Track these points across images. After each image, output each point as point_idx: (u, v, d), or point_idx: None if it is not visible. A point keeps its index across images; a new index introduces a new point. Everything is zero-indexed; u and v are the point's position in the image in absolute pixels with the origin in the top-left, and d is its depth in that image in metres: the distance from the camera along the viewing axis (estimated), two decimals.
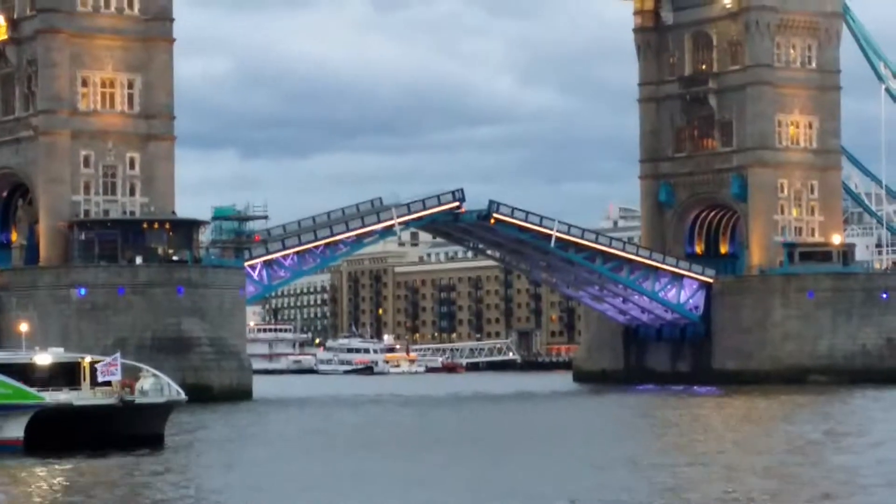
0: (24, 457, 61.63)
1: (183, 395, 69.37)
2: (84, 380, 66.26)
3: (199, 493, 50.27)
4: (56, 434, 63.25)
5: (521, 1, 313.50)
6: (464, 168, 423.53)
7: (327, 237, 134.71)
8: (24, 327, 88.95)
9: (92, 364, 66.45)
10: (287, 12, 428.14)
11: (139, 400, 65.11)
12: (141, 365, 71.04)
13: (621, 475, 55.93)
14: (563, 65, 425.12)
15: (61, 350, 74.66)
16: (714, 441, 74.89)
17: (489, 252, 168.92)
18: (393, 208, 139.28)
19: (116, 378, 64.61)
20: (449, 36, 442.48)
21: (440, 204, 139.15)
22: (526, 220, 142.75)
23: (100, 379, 65.03)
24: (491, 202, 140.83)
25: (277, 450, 72.28)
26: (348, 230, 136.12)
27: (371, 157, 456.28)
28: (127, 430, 64.53)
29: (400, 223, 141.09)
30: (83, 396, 65.27)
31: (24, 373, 65.76)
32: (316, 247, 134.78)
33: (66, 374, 67.09)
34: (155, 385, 66.17)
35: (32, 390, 64.32)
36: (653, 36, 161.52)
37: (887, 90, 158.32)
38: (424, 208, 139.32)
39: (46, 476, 55.46)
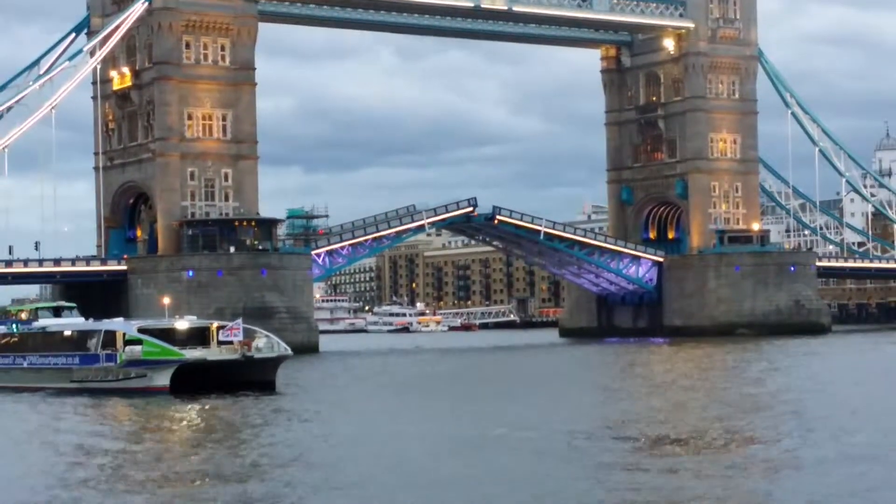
0: (170, 400, 63.18)
1: (290, 351, 71.14)
2: (212, 340, 67.85)
3: (307, 423, 52.09)
4: (194, 382, 65.25)
5: (512, 51, 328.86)
6: (471, 178, 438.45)
7: (374, 233, 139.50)
8: (166, 301, 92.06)
9: (218, 328, 68.29)
10: (336, 63, 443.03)
11: (256, 355, 66.92)
12: (256, 328, 72.81)
13: (598, 398, 62.41)
14: (546, 99, 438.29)
15: (194, 317, 77.31)
16: (661, 374, 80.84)
17: (494, 243, 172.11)
18: (423, 212, 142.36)
19: (238, 339, 66.45)
20: (457, 79, 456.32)
21: (458, 209, 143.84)
22: (521, 220, 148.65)
23: (223, 339, 67.09)
24: (495, 207, 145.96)
25: (352, 389, 75.46)
26: (390, 228, 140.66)
27: (401, 171, 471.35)
28: (247, 378, 66.67)
29: (428, 223, 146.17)
30: (213, 353, 67.00)
31: (167, 335, 67.85)
32: (366, 240, 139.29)
33: (199, 336, 68.95)
34: (267, 343, 68.43)
35: (175, 348, 66.51)
36: (615, 75, 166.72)
37: (792, 114, 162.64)
38: (447, 212, 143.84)
39: (189, 413, 57.89)
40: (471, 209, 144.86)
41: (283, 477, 36.07)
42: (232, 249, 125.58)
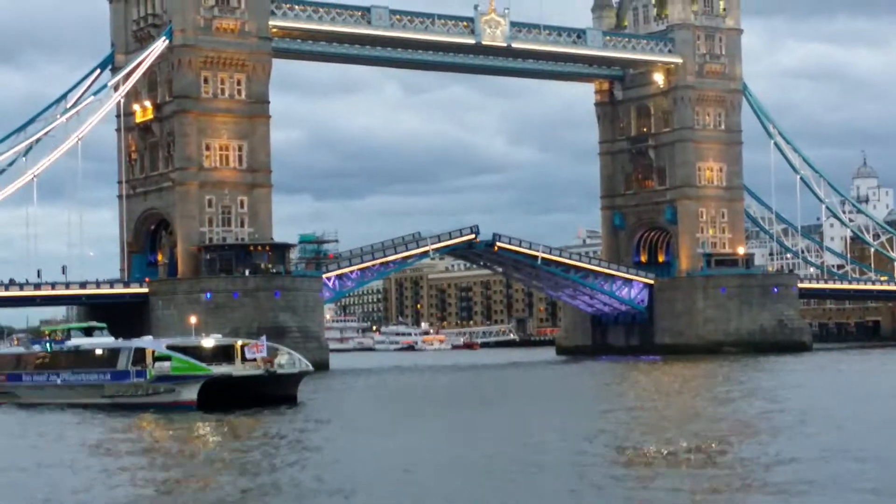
0: (197, 413, 62.93)
1: (310, 367, 71.38)
2: (237, 357, 67.95)
3: (327, 435, 52.18)
4: (220, 396, 65.06)
5: (510, 85, 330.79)
6: (471, 205, 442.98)
7: (381, 258, 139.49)
8: (192, 320, 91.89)
9: (242, 346, 68.36)
10: (344, 97, 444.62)
11: (279, 371, 67.19)
12: (279, 346, 73.81)
13: (592, 412, 62.45)
14: (542, 130, 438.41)
15: (220, 336, 78.27)
16: (651, 390, 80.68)
17: (495, 267, 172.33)
18: (427, 239, 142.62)
19: (262, 355, 66.62)
20: (458, 111, 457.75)
21: (461, 236, 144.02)
22: (520, 246, 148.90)
23: (248, 356, 67.10)
24: (495, 234, 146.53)
25: (364, 403, 76.83)
26: (396, 254, 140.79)
27: (405, 198, 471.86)
28: (270, 392, 66.82)
29: (432, 250, 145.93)
30: (238, 369, 66.91)
31: (194, 352, 67.81)
32: (373, 265, 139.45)
33: (224, 353, 68.68)
34: (289, 360, 68.75)
35: (202, 364, 66.26)
36: (608, 108, 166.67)
37: (775, 144, 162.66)
38: (450, 238, 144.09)
39: (215, 426, 57.52)
40: (472, 236, 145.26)
41: (309, 485, 36.46)
42: (247, 273, 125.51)
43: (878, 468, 37.06)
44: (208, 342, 70.31)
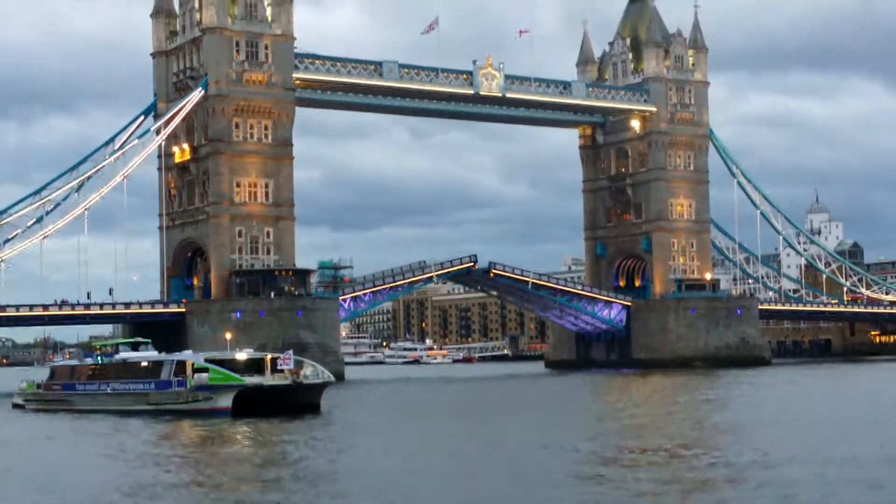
0: (232, 419, 62.57)
1: (333, 378, 70.60)
2: (267, 369, 67.41)
3: (348, 439, 51.77)
4: (252, 404, 64.59)
5: (503, 130, 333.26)
6: (469, 235, 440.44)
7: (391, 283, 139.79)
8: (228, 336, 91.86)
9: (272, 359, 67.97)
10: (358, 140, 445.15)
11: (305, 381, 66.67)
12: (304, 359, 73.35)
13: (576, 419, 62.44)
14: (532, 170, 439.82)
15: (251, 350, 77.05)
16: (628, 398, 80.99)
17: (491, 292, 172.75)
18: (431, 266, 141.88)
19: (289, 367, 66.08)
20: (458, 153, 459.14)
21: (461, 264, 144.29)
22: (512, 273, 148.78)
23: (277, 368, 66.57)
24: (490, 263, 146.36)
25: (379, 410, 76.08)
26: (404, 279, 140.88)
27: (412, 229, 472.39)
28: (297, 401, 65.93)
29: (436, 276, 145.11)
30: (268, 380, 66.28)
31: (229, 365, 67.65)
32: (384, 289, 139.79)
33: (256, 366, 68.01)
34: (314, 371, 68.28)
35: (236, 375, 65.99)
36: (591, 150, 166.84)
37: (738, 183, 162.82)
38: (451, 266, 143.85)
39: (248, 430, 56.64)
40: (471, 264, 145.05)
41: (334, 483, 36.68)
42: (273, 295, 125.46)
43: (824, 461, 37.72)
44: (241, 356, 69.92)
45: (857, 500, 31.07)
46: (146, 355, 77.27)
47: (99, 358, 79.80)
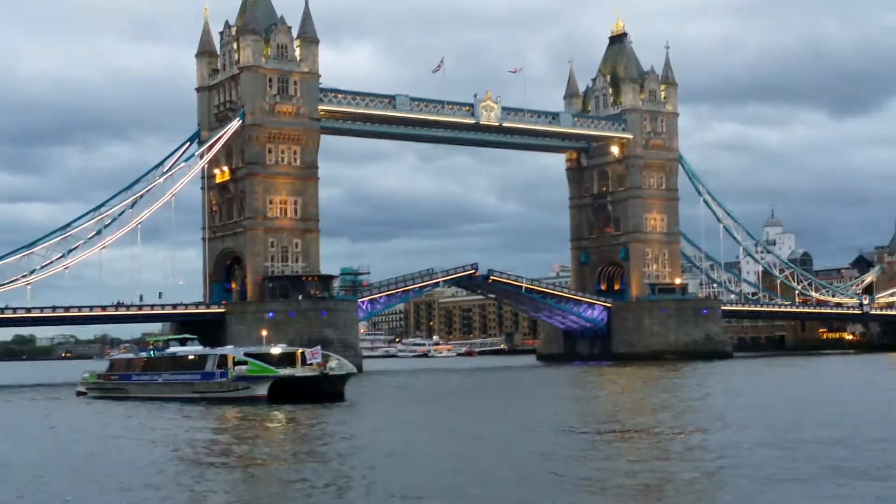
0: (267, 406, 62.16)
1: (355, 370, 69.68)
2: (298, 362, 66.71)
3: (367, 423, 51.50)
4: (285, 392, 63.99)
5: (500, 155, 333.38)
6: (470, 246, 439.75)
7: (403, 287, 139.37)
8: (263, 333, 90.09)
9: (302, 353, 67.35)
10: (373, 164, 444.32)
11: (331, 373, 65.70)
12: (330, 353, 71.91)
13: (563, 403, 62.76)
14: (525, 189, 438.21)
15: (285, 345, 75.47)
16: (608, 385, 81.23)
17: (489, 295, 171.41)
18: (438, 273, 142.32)
19: (317, 360, 65.47)
20: (460, 174, 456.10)
21: (464, 271, 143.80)
22: (508, 278, 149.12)
23: (305, 361, 66.06)
24: (489, 270, 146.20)
25: (396, 397, 75.43)
26: (414, 284, 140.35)
27: (421, 241, 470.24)
28: (324, 390, 65.07)
29: (442, 281, 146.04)
30: (299, 371, 65.61)
31: (265, 358, 66.94)
32: (397, 292, 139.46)
33: (288, 359, 67.27)
34: (339, 364, 67.15)
35: (271, 367, 65.50)
36: (576, 172, 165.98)
37: (704, 200, 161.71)
38: (455, 273, 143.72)
39: (282, 415, 56.23)
40: (472, 271, 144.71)
41: (358, 459, 36.43)
42: (300, 297, 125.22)
43: (780, 434, 38.19)
44: (276, 350, 69.18)
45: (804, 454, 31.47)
46: (192, 350, 77.06)
47: (151, 352, 79.79)
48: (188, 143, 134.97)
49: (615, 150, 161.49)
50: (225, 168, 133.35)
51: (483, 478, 31.46)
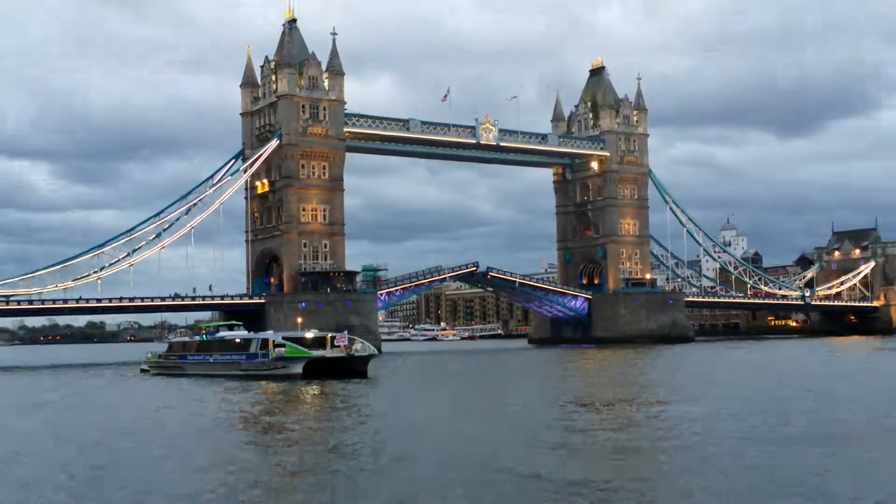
0: (302, 382, 61.07)
1: (377, 352, 68.73)
2: (328, 345, 66.11)
3: (389, 397, 51.16)
4: (317, 371, 63.67)
5: (497, 170, 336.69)
6: (472, 247, 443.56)
7: (415, 282, 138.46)
8: (298, 320, 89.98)
9: (331, 337, 66.87)
10: (389, 177, 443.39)
11: (356, 354, 65.11)
12: (355, 337, 71.24)
13: (551, 381, 62.43)
14: (518, 198, 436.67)
15: (317, 330, 73.39)
16: (589, 364, 79.54)
17: (488, 288, 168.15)
18: (445, 269, 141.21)
19: (344, 343, 65.40)
20: (463, 186, 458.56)
21: (467, 268, 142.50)
22: (504, 275, 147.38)
23: (334, 344, 65.68)
24: (488, 267, 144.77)
25: (413, 374, 74.51)
26: (425, 279, 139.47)
27: (429, 242, 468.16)
28: (350, 368, 64.47)
29: (449, 277, 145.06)
30: (329, 353, 64.92)
31: (300, 341, 66.53)
32: (410, 286, 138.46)
33: (320, 342, 66.60)
34: (363, 347, 66.39)
35: (305, 349, 65.07)
36: (562, 184, 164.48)
37: (670, 208, 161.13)
38: (460, 270, 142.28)
39: (314, 389, 55.56)
40: (474, 268, 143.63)
41: (379, 427, 36.43)
42: (329, 290, 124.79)
43: (739, 404, 38.31)
44: (309, 334, 68.39)
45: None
46: (239, 334, 76.81)
47: (204, 336, 79.76)
48: (233, 160, 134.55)
49: (595, 165, 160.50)
50: (265, 181, 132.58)
51: (482, 441, 31.65)
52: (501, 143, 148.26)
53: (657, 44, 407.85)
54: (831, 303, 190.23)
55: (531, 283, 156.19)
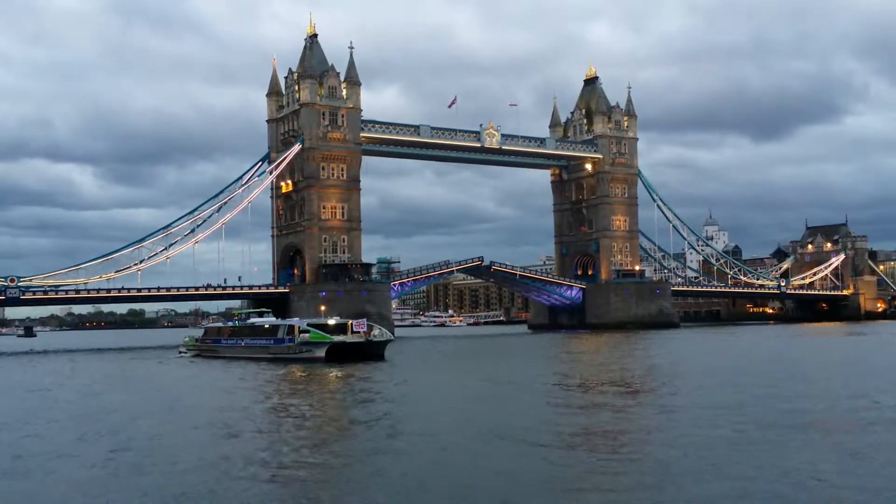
0: (325, 365, 60.43)
1: (393, 337, 68.21)
2: (348, 330, 65.14)
3: (406, 377, 50.34)
4: (338, 355, 62.98)
5: (500, 171, 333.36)
6: (476, 242, 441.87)
7: (425, 274, 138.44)
8: (322, 308, 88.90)
9: (351, 324, 65.79)
10: (401, 178, 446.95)
11: (374, 339, 64.63)
12: (374, 323, 70.45)
13: (551, 362, 61.52)
14: (518, 197, 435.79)
15: (338, 317, 72.94)
16: (583, 347, 78.69)
17: (491, 280, 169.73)
18: (452, 263, 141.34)
19: (364, 329, 64.98)
20: (468, 186, 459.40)
21: (472, 262, 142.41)
22: (506, 267, 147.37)
23: (354, 330, 64.96)
24: (491, 261, 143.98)
25: (425, 357, 73.37)
26: (434, 272, 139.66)
27: (437, 237, 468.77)
28: (368, 352, 64.10)
29: (456, 269, 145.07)
30: (349, 338, 64.17)
31: (323, 327, 65.71)
32: (421, 277, 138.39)
33: (341, 328, 65.65)
34: (380, 332, 66.12)
35: (327, 335, 64.31)
36: (559, 184, 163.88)
37: (657, 205, 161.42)
38: (466, 263, 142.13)
39: (336, 371, 54.79)
40: (479, 262, 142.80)
41: (393, 404, 36.28)
42: (347, 280, 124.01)
43: (722, 383, 38.16)
44: (331, 321, 67.34)
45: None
46: (267, 320, 75.98)
47: (236, 322, 79.73)
48: (260, 163, 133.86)
49: (589, 167, 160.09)
50: (289, 181, 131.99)
51: (489, 417, 31.77)
52: (503, 147, 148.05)
53: (642, 56, 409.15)
54: (805, 292, 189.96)
55: (530, 274, 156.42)
